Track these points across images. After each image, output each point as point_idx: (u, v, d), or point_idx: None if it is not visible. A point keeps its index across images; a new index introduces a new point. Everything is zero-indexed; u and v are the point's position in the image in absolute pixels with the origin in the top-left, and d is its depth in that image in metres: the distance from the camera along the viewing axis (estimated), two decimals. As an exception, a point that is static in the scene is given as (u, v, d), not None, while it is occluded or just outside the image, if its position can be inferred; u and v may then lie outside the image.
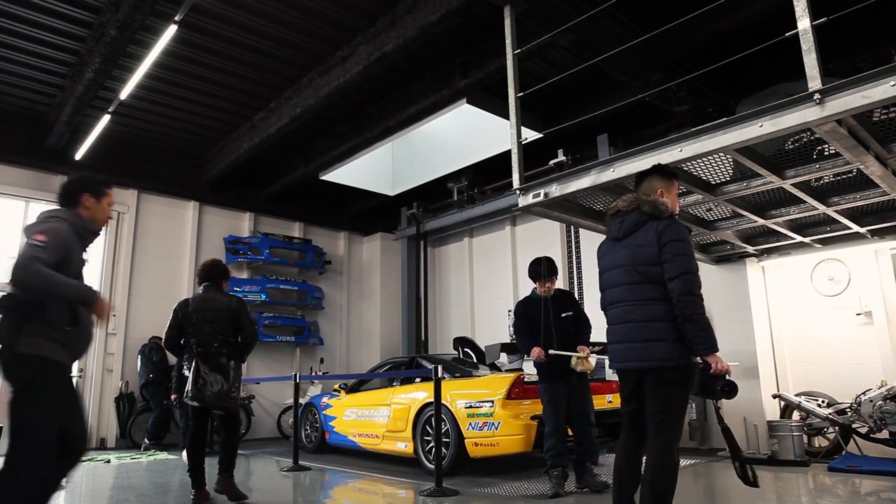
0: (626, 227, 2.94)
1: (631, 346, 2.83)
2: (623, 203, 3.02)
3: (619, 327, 2.89)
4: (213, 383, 4.32)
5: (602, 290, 3.05)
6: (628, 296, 2.87)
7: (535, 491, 4.68)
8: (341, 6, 5.88)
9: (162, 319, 8.84)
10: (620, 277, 2.90)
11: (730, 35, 5.43)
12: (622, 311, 2.88)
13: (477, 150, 8.32)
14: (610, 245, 3.03)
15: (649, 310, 2.79)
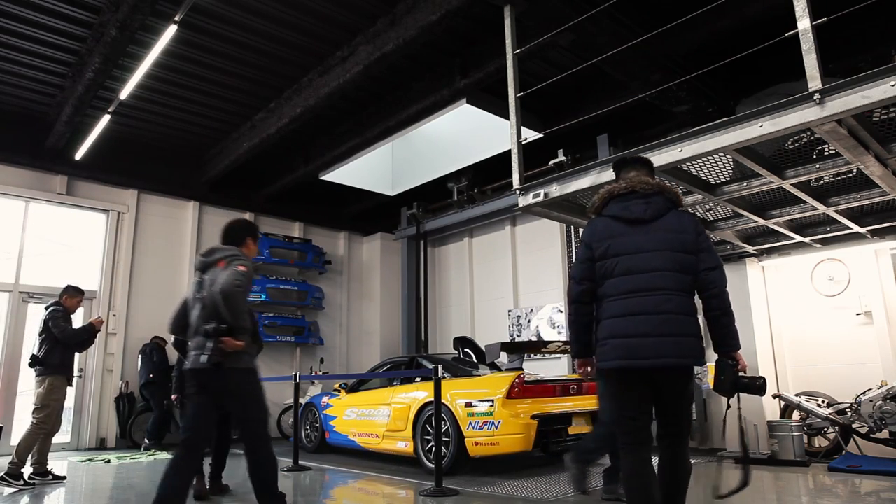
0: (653, 210, 2.69)
1: (665, 340, 2.53)
2: (642, 184, 2.75)
3: (649, 318, 2.56)
4: None
5: (610, 276, 2.67)
6: (663, 283, 2.57)
7: (535, 490, 4.68)
8: (341, 6, 5.88)
9: (162, 320, 8.85)
10: (654, 262, 2.60)
11: (730, 35, 5.43)
12: (655, 300, 2.56)
13: (477, 150, 8.32)
14: (624, 226, 2.71)
15: (681, 302, 2.58)
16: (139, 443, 8.15)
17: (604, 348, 2.64)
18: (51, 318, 5.47)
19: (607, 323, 2.65)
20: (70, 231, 8.78)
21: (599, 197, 2.86)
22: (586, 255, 2.76)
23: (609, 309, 2.65)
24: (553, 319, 9.12)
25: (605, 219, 2.79)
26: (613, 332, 2.61)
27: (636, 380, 2.62)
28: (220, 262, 3.39)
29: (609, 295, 2.66)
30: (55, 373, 5.40)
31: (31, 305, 8.19)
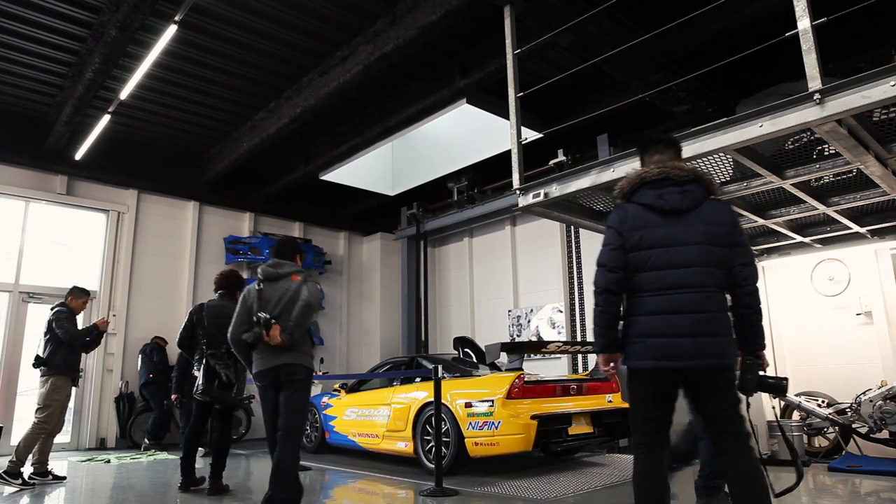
0: (690, 199, 2.52)
1: (705, 340, 2.39)
2: (676, 171, 2.57)
3: (687, 317, 2.40)
4: (222, 381, 4.74)
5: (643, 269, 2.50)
6: (703, 280, 2.43)
7: (535, 490, 4.68)
8: (341, 6, 5.88)
9: (162, 319, 8.96)
10: (693, 257, 2.45)
11: (730, 35, 5.43)
12: (695, 297, 2.41)
13: (477, 150, 8.32)
14: (658, 217, 2.53)
15: (718, 299, 2.45)
16: (139, 443, 8.15)
17: (635, 347, 2.50)
18: (55, 319, 5.49)
19: (641, 320, 2.49)
20: (70, 231, 8.78)
21: (628, 181, 2.66)
22: (618, 242, 2.56)
23: (643, 305, 2.50)
24: (553, 319, 9.12)
25: (635, 206, 2.59)
26: (648, 331, 2.46)
27: (668, 381, 2.49)
28: (293, 275, 3.93)
29: (643, 290, 2.50)
30: (58, 373, 5.40)
31: (31, 305, 8.19)
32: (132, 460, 7.05)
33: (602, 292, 2.57)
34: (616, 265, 2.55)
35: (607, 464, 6.04)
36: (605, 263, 2.57)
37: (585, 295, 8.73)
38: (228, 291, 5.06)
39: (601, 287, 2.57)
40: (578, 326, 8.75)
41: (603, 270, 2.58)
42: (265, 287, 3.90)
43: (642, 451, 2.54)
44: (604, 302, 2.57)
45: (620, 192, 2.70)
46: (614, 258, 2.56)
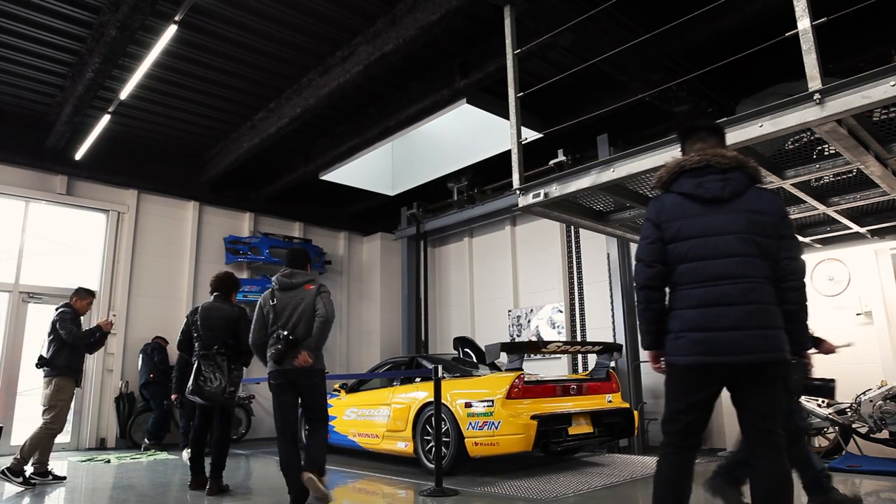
0: (732, 187, 2.41)
1: (753, 333, 2.27)
2: (717, 158, 2.46)
3: (734, 309, 2.29)
4: (211, 381, 4.77)
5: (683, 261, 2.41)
6: (747, 270, 2.31)
7: (535, 490, 4.68)
8: (341, 6, 5.88)
9: (162, 319, 8.96)
10: (735, 246, 2.34)
11: (730, 35, 5.43)
12: (740, 288, 2.30)
13: (477, 150, 8.32)
14: (699, 206, 2.43)
15: (766, 291, 2.32)
16: (139, 443, 8.15)
17: (678, 342, 2.37)
18: (59, 320, 5.52)
19: (683, 314, 2.37)
20: (70, 231, 8.78)
21: (667, 170, 2.56)
22: (655, 235, 2.47)
23: (684, 298, 2.39)
24: (553, 319, 9.12)
25: (674, 196, 2.49)
26: (691, 325, 2.34)
27: (712, 378, 2.35)
28: (307, 284, 4.35)
29: (684, 282, 2.40)
30: (61, 374, 5.43)
31: (31, 305, 8.19)
32: (132, 460, 7.05)
33: (642, 288, 2.49)
34: (654, 259, 2.46)
35: (607, 464, 6.04)
36: (643, 258, 2.49)
37: (585, 295, 8.74)
38: (223, 293, 5.17)
39: (640, 283, 2.50)
40: (578, 326, 8.75)
41: (641, 266, 2.50)
42: (279, 296, 4.29)
43: (671, 451, 2.43)
44: (645, 298, 2.49)
45: (659, 181, 2.59)
46: (652, 252, 2.46)
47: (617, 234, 5.98)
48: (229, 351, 4.89)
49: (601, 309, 8.26)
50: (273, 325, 4.21)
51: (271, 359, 4.15)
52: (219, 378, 4.79)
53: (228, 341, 4.90)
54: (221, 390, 4.79)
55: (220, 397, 4.81)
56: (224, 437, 4.96)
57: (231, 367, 4.87)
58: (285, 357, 4.08)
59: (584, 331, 8.66)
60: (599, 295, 8.35)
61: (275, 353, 4.10)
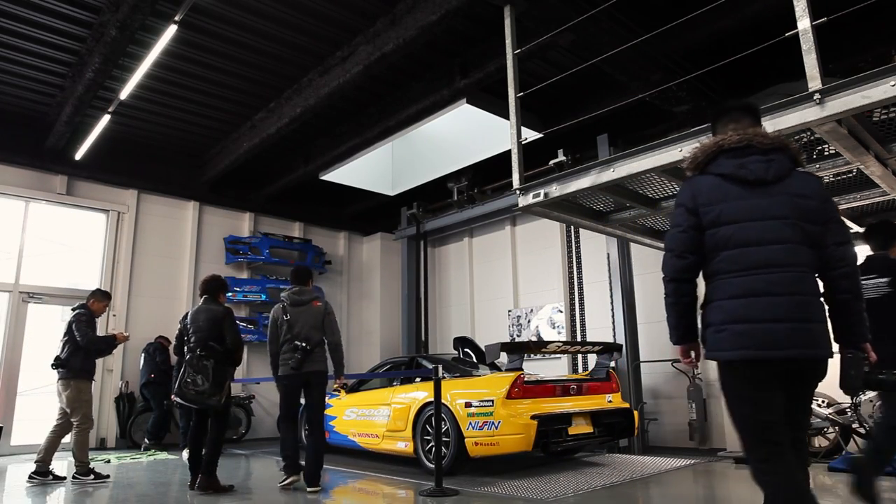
0: (776, 169, 2.22)
1: (802, 327, 2.09)
2: (759, 138, 2.27)
3: (780, 300, 2.10)
4: (195, 383, 4.78)
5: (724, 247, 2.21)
6: (795, 258, 2.14)
7: (535, 490, 4.68)
8: (341, 6, 5.88)
9: (162, 320, 8.96)
10: (783, 232, 2.15)
11: (730, 35, 5.44)
12: (787, 277, 2.12)
13: (477, 150, 8.32)
14: (740, 189, 2.23)
15: (812, 282, 2.16)
16: (139, 443, 8.15)
17: (720, 335, 2.17)
18: (75, 321, 5.55)
19: (725, 305, 2.18)
20: (70, 231, 8.78)
21: (702, 150, 2.35)
22: (690, 222, 2.26)
23: (725, 288, 2.19)
24: (553, 319, 9.13)
25: (711, 178, 2.29)
26: (735, 316, 2.14)
27: (767, 375, 2.13)
28: (315, 301, 5.10)
29: (725, 271, 2.20)
30: (78, 376, 5.50)
31: (31, 305, 8.19)
32: (132, 460, 7.05)
33: (671, 280, 2.31)
34: (687, 250, 2.26)
35: (607, 464, 6.04)
36: (674, 248, 2.30)
37: (585, 295, 8.74)
38: (211, 295, 5.17)
39: (670, 274, 2.31)
40: (578, 326, 8.75)
41: (671, 256, 2.31)
42: (291, 311, 5.02)
43: (771, 466, 2.07)
44: (673, 291, 2.31)
45: (693, 162, 2.38)
46: (684, 242, 2.27)
47: (617, 234, 5.98)
48: (214, 353, 4.88)
49: (601, 309, 8.26)
50: (286, 335, 4.96)
51: (288, 364, 4.90)
52: (201, 381, 4.79)
53: (210, 343, 4.89)
54: (202, 392, 4.78)
55: (200, 399, 4.80)
56: (216, 435, 4.96)
57: (218, 368, 4.85)
58: (303, 363, 4.89)
59: (584, 331, 8.66)
60: (599, 295, 8.35)
61: (294, 360, 4.87)
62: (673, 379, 7.59)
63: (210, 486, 4.86)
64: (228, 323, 4.99)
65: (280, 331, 4.99)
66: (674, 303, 2.34)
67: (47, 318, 8.65)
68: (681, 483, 5.13)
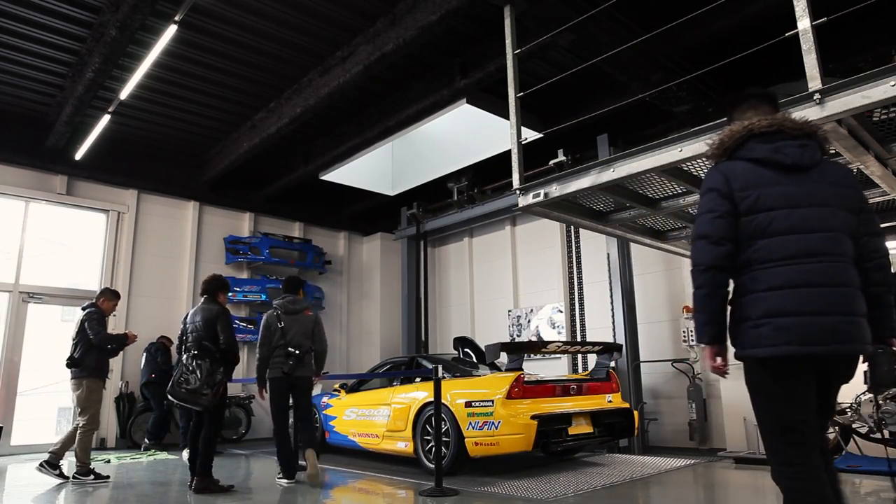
0: (810, 155, 2.13)
1: (847, 320, 2.00)
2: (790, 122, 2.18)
3: (826, 291, 1.99)
4: (187, 382, 4.81)
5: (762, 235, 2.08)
6: (838, 248, 2.04)
7: (535, 490, 4.68)
8: (341, 6, 5.88)
9: (161, 320, 8.96)
10: (826, 220, 2.06)
11: (730, 35, 5.44)
12: (830, 268, 2.01)
13: (477, 150, 8.32)
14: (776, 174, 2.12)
15: (853, 273, 2.06)
16: (139, 443, 8.15)
17: (760, 330, 2.03)
18: (87, 320, 5.59)
19: (766, 296, 2.04)
20: (70, 231, 8.78)
21: (731, 135, 2.24)
22: (725, 208, 2.12)
23: (766, 278, 2.05)
24: (553, 319, 9.12)
25: (744, 163, 2.17)
26: (778, 309, 2.01)
27: (808, 372, 2.02)
28: (306, 311, 5.55)
29: (763, 260, 2.06)
30: (91, 375, 5.53)
31: (31, 305, 8.19)
32: (132, 460, 7.05)
33: (707, 269, 2.12)
34: (724, 236, 2.11)
35: (607, 464, 6.04)
36: (709, 234, 2.13)
37: (585, 295, 8.74)
38: (210, 295, 5.19)
39: (706, 263, 2.12)
40: (578, 326, 8.75)
41: (706, 243, 2.14)
42: (285, 318, 5.35)
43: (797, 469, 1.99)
44: (710, 281, 2.11)
45: (720, 147, 2.27)
46: (720, 227, 2.11)
47: (617, 234, 5.98)
48: (208, 352, 4.89)
49: (601, 309, 8.26)
50: (279, 340, 5.26)
51: (281, 368, 5.20)
52: (194, 380, 4.81)
53: (204, 343, 4.91)
54: (193, 392, 4.79)
55: (191, 399, 4.81)
56: (209, 435, 4.94)
57: (213, 368, 4.85)
58: (296, 368, 5.23)
59: (584, 331, 8.66)
60: (599, 295, 8.35)
61: (287, 365, 5.20)
62: (673, 379, 7.59)
63: (207, 487, 4.85)
64: (223, 323, 4.99)
65: (273, 336, 5.28)
66: (709, 294, 2.13)
67: (47, 318, 8.66)
68: (681, 483, 5.13)
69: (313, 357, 5.45)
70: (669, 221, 5.74)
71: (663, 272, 8.01)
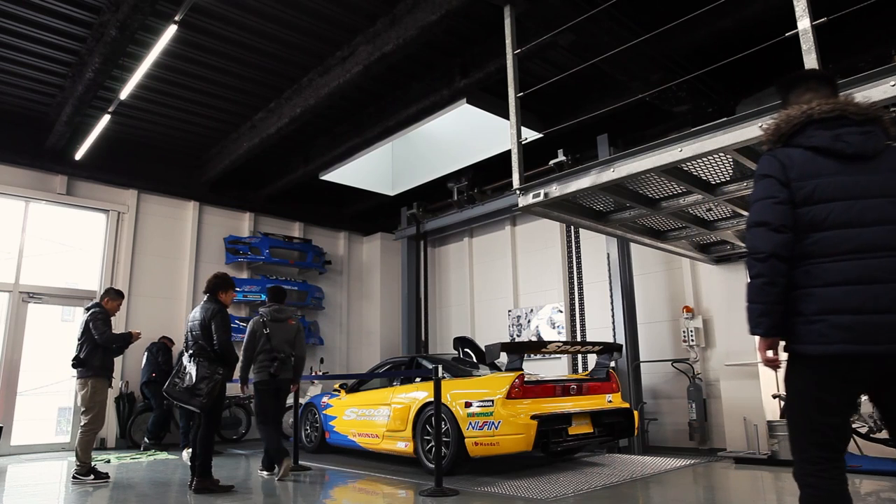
0: (874, 143, 2.03)
1: None
2: (853, 107, 2.07)
3: (890, 288, 1.89)
4: (182, 381, 4.85)
5: (819, 228, 1.99)
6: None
7: (535, 490, 4.68)
8: (341, 6, 5.88)
9: (161, 320, 8.96)
10: (886, 212, 1.95)
11: (730, 35, 5.43)
12: (893, 262, 1.91)
13: (477, 150, 8.32)
14: (836, 163, 2.03)
15: None
16: (139, 443, 8.14)
17: (814, 327, 1.95)
18: (91, 320, 5.60)
19: (821, 292, 1.95)
20: (70, 231, 8.79)
21: (787, 119, 2.12)
22: (785, 195, 2.02)
23: (820, 273, 1.97)
24: (553, 319, 9.13)
25: (801, 150, 2.07)
26: (833, 306, 1.92)
27: (859, 373, 1.94)
28: (290, 319, 5.86)
29: (819, 254, 1.98)
30: (97, 375, 5.55)
31: (31, 305, 8.19)
32: (132, 460, 7.05)
33: (767, 258, 2.01)
34: (784, 223, 2.00)
35: (607, 464, 6.04)
36: (769, 221, 2.02)
37: (585, 295, 8.74)
38: (212, 293, 5.20)
39: (767, 251, 2.01)
40: (578, 326, 8.75)
41: (765, 230, 2.03)
42: (271, 325, 5.65)
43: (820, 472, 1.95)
44: (770, 270, 2.00)
45: (776, 132, 2.15)
46: (781, 214, 2.01)
47: (617, 234, 5.98)
48: (204, 352, 4.89)
49: (601, 309, 8.26)
50: (265, 345, 5.56)
51: (268, 371, 5.52)
52: (189, 380, 4.81)
53: (200, 342, 4.92)
54: (184, 390, 4.80)
55: (185, 398, 4.82)
56: (204, 435, 4.93)
57: (211, 368, 4.84)
58: (281, 371, 5.56)
59: (584, 331, 8.66)
60: (599, 295, 8.35)
61: (273, 368, 5.52)
62: (673, 379, 7.59)
63: (207, 487, 4.84)
64: (217, 322, 4.95)
65: (257, 343, 5.58)
66: (768, 283, 2.01)
67: (47, 318, 8.66)
68: (681, 483, 5.13)
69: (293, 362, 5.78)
70: (669, 221, 5.74)
71: (663, 272, 8.02)
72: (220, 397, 5.02)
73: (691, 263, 7.62)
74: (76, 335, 5.69)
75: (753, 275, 2.06)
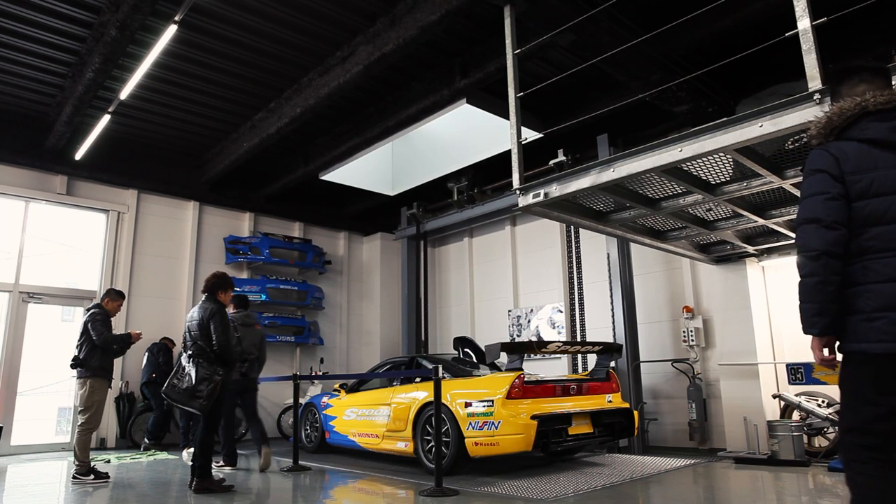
0: None
1: None
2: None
3: None
4: (180, 383, 4.83)
5: (877, 223, 1.96)
6: None
7: (535, 490, 4.68)
8: (341, 6, 5.88)
9: (161, 320, 8.96)
10: None
11: (730, 35, 5.43)
12: None
13: (477, 150, 8.32)
14: (891, 155, 1.99)
15: None
16: (139, 443, 8.15)
17: (872, 325, 1.92)
18: (90, 321, 5.60)
19: (879, 289, 1.92)
20: (70, 231, 8.78)
21: (840, 112, 2.08)
22: (838, 190, 1.99)
23: (878, 269, 1.93)
24: (553, 319, 9.13)
25: (855, 144, 2.03)
26: (893, 303, 1.89)
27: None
28: (255, 325, 6.52)
29: (876, 250, 1.94)
30: (95, 375, 5.56)
31: (31, 305, 8.19)
32: (132, 460, 7.05)
33: (820, 255, 1.97)
34: (836, 219, 1.97)
35: (607, 464, 6.04)
36: (822, 217, 1.99)
37: (585, 295, 8.74)
38: (210, 293, 5.19)
39: (820, 248, 1.97)
40: (578, 326, 8.75)
41: (818, 227, 1.99)
42: (242, 330, 6.18)
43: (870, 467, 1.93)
44: (824, 269, 1.96)
45: (828, 126, 2.10)
46: (834, 210, 1.98)
47: (617, 234, 5.98)
48: (202, 353, 4.89)
49: (601, 309, 8.26)
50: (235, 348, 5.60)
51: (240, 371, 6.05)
52: (187, 381, 4.80)
53: (199, 343, 4.91)
54: (183, 391, 4.79)
55: (183, 399, 4.81)
56: (202, 435, 4.92)
57: (211, 369, 4.84)
58: (250, 372, 6.28)
59: (584, 331, 8.66)
60: (599, 295, 8.35)
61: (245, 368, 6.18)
62: (673, 379, 7.59)
63: (206, 487, 4.84)
64: (216, 322, 4.94)
65: None
66: (822, 282, 1.98)
67: (47, 318, 8.66)
68: (681, 483, 5.13)
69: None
70: (669, 221, 5.74)
71: (663, 272, 8.02)
72: (220, 398, 5.01)
73: (691, 263, 7.63)
74: (76, 335, 5.69)
75: (805, 273, 2.02)
